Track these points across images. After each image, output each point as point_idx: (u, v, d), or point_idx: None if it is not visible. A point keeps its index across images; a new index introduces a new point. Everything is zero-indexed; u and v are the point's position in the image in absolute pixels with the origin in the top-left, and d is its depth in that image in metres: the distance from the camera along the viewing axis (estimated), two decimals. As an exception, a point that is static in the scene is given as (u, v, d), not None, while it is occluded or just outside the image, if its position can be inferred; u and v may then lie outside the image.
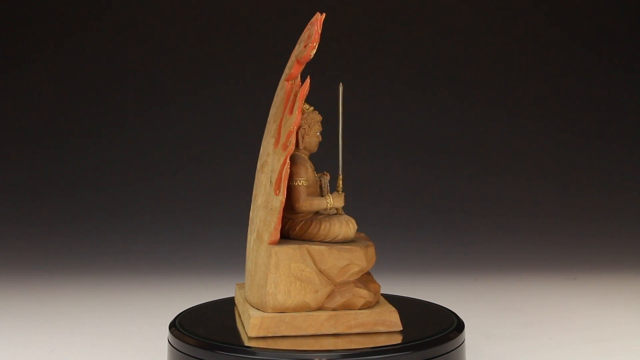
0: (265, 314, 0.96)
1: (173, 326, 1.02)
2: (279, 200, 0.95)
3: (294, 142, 0.96)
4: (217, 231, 1.85)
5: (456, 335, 0.98)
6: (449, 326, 1.00)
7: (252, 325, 0.95)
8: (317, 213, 1.00)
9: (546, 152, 2.14)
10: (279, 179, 0.95)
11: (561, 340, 1.22)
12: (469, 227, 1.91)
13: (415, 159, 2.10)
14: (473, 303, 1.43)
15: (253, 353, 0.90)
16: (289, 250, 0.96)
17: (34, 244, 1.83)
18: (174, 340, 0.98)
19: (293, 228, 1.00)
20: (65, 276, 1.63)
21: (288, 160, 0.95)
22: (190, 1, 2.26)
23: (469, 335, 1.07)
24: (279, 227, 0.96)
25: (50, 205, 2.01)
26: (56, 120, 2.18)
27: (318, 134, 1.02)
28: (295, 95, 0.97)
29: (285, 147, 0.95)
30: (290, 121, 0.96)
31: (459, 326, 1.01)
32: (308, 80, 0.97)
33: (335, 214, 1.01)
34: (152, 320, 1.32)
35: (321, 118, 1.03)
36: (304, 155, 1.01)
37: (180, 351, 0.96)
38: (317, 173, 1.04)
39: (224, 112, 2.14)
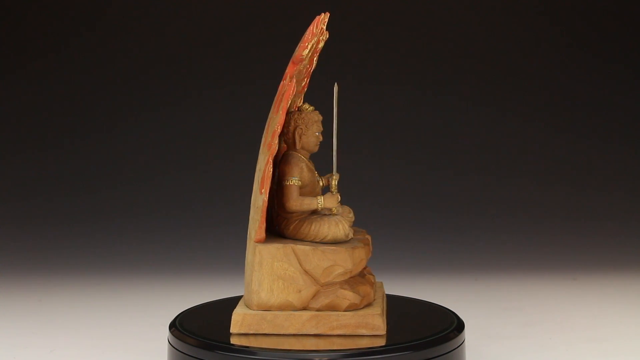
0: (248, 312, 0.97)
1: (173, 326, 1.02)
2: (262, 199, 0.96)
3: (277, 142, 0.96)
4: (217, 231, 1.85)
5: (456, 335, 0.98)
6: (449, 326, 1.00)
7: (234, 321, 0.97)
8: (313, 213, 1.00)
9: (546, 152, 2.14)
10: (263, 178, 0.96)
11: (561, 340, 1.22)
12: (469, 227, 1.91)
13: (416, 158, 2.10)
14: (473, 303, 1.43)
15: (253, 353, 0.90)
16: (272, 249, 0.97)
17: (34, 244, 1.83)
18: (174, 340, 0.98)
19: (287, 227, 1.00)
20: (65, 276, 1.63)
21: (270, 160, 0.96)
22: (195, 1, 2.26)
23: (469, 335, 1.07)
24: (263, 225, 0.97)
25: (51, 205, 2.01)
26: (56, 121, 2.18)
27: (317, 134, 1.02)
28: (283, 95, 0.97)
29: (269, 146, 0.96)
30: (274, 121, 0.96)
31: (459, 326, 1.01)
32: (294, 80, 0.96)
33: (329, 214, 1.00)
34: (152, 320, 1.32)
35: (321, 118, 1.03)
36: (300, 155, 1.01)
37: (180, 351, 0.97)
38: (321, 174, 1.04)
39: (225, 112, 2.14)
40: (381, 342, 0.93)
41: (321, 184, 1.04)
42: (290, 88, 0.96)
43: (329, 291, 0.97)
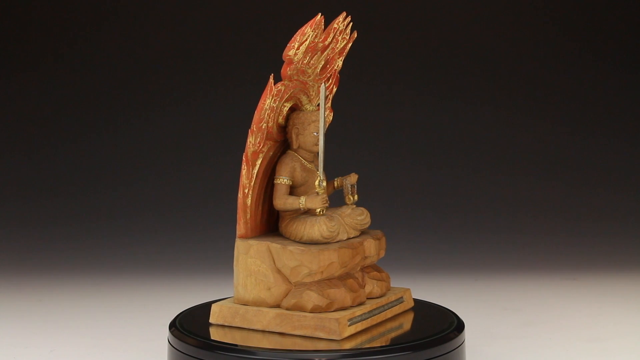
0: (224, 304, 1.01)
1: (173, 326, 1.02)
2: (238, 196, 0.98)
3: (253, 140, 0.98)
4: (217, 231, 1.85)
5: (456, 335, 0.98)
6: (449, 326, 1.00)
7: (212, 312, 1.01)
8: (305, 212, 1.01)
9: (546, 152, 2.14)
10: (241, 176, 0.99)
11: (561, 340, 1.22)
12: (469, 227, 1.91)
13: (416, 158, 2.10)
14: (473, 303, 1.43)
15: (253, 353, 0.90)
16: (247, 245, 0.99)
17: (34, 244, 1.83)
18: (174, 340, 0.99)
19: (281, 225, 1.03)
20: (65, 276, 1.63)
21: (244, 158, 0.98)
22: (196, 1, 2.26)
23: (469, 335, 1.07)
24: (241, 221, 1.00)
25: (51, 205, 2.01)
26: (56, 121, 2.18)
27: (315, 133, 1.02)
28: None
29: (246, 144, 0.98)
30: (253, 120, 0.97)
31: (459, 326, 1.01)
32: (271, 80, 0.97)
33: (315, 215, 1.00)
34: (152, 320, 1.32)
35: (322, 118, 1.03)
36: (295, 155, 1.03)
37: (180, 351, 0.97)
38: (335, 175, 1.04)
39: (226, 111, 2.14)
40: (336, 346, 0.92)
41: (335, 184, 1.06)
42: (267, 87, 0.97)
43: (297, 291, 0.97)
